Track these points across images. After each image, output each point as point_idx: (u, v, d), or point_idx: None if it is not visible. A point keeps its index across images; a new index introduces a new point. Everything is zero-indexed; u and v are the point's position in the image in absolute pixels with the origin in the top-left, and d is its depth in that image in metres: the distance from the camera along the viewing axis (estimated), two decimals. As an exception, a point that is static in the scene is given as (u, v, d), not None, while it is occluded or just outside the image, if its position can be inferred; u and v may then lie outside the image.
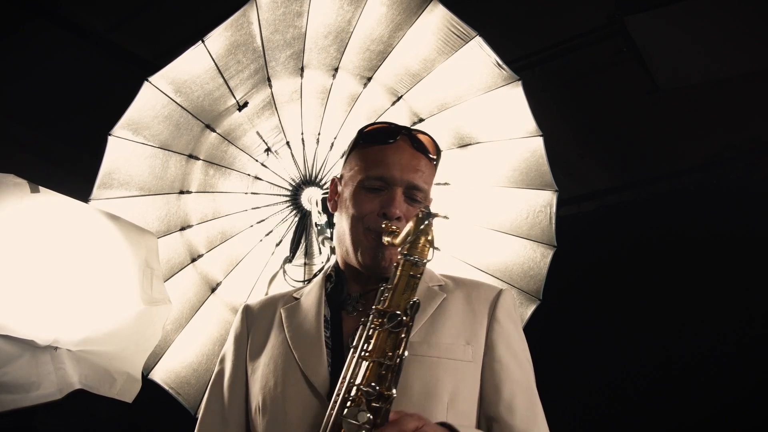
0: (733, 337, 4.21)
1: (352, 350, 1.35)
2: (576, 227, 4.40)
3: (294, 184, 2.78)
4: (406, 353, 1.31)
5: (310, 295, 1.65)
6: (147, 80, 2.32)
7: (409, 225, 1.41)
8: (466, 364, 1.48)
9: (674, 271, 4.50)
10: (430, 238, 1.40)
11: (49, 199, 1.95)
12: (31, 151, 4.16)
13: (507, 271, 2.69)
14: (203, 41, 2.29)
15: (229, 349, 1.67)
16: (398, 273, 1.38)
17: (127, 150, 2.41)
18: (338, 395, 1.30)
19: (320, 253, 2.69)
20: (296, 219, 2.81)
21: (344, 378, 1.32)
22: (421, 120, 2.70)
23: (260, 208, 2.77)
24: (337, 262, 1.70)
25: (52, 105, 4.01)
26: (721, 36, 3.43)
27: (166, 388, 2.48)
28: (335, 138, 2.77)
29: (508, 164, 2.68)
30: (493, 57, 2.53)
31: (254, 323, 1.66)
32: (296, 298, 1.68)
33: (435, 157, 1.65)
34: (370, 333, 1.34)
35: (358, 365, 1.31)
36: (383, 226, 1.51)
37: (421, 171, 1.59)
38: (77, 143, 4.00)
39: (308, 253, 2.82)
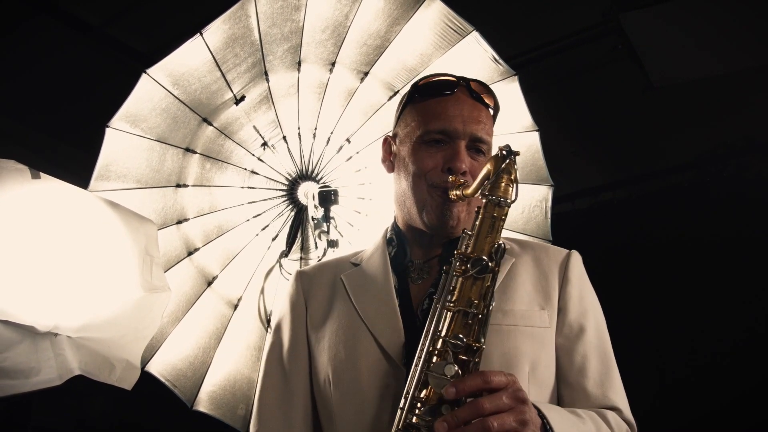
0: (728, 334, 4.24)
1: (435, 301, 1.28)
2: (570, 224, 4.41)
3: (290, 178, 2.78)
4: (494, 302, 1.24)
5: (373, 261, 1.57)
6: (145, 72, 2.31)
7: (486, 168, 1.33)
8: (543, 330, 1.43)
9: (667, 268, 4.53)
10: (513, 177, 1.30)
11: (50, 185, 1.95)
12: (26, 145, 4.15)
13: (502, 265, 2.70)
14: (201, 34, 2.29)
15: (285, 318, 1.59)
16: (480, 215, 1.30)
17: (125, 142, 2.40)
18: (422, 349, 1.24)
19: (316, 247, 2.70)
20: (292, 213, 2.82)
21: (428, 330, 1.25)
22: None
23: (256, 203, 2.77)
24: (396, 225, 1.61)
25: (47, 98, 4.00)
26: (715, 33, 3.45)
27: (163, 380, 2.48)
28: (332, 133, 2.78)
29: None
30: (489, 52, 2.54)
31: (311, 290, 1.59)
32: (355, 264, 1.61)
33: (494, 107, 1.58)
34: (453, 281, 1.27)
35: (442, 316, 1.24)
36: (449, 180, 1.43)
37: (482, 122, 1.51)
38: (73, 137, 4.00)
39: (304, 248, 2.83)
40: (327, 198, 2.61)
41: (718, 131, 4.45)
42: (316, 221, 2.62)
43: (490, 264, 1.25)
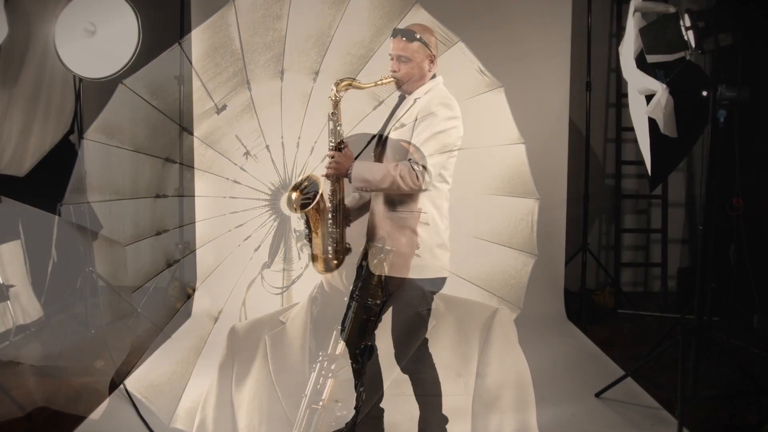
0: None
1: (303, 398, 1.32)
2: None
3: (273, 188, 2.74)
4: (360, 402, 1.27)
5: (296, 321, 1.60)
6: (122, 83, 2.27)
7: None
8: (457, 398, 1.44)
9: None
10: (383, 279, 1.37)
11: (14, 208, 1.90)
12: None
13: (488, 279, 2.66)
14: (179, 44, 2.25)
15: (214, 377, 1.66)
16: (352, 318, 1.33)
17: (101, 153, 2.36)
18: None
19: (299, 258, 2.65)
20: (275, 224, 2.77)
21: (296, 427, 1.30)
22: (402, 126, 2.66)
23: (238, 213, 2.73)
24: (322, 283, 1.61)
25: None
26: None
27: (140, 397, 2.43)
28: (315, 142, 2.73)
29: (490, 171, 2.65)
30: (475, 63, 2.51)
31: (240, 350, 1.63)
32: (282, 323, 1.63)
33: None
34: (321, 380, 1.33)
35: (310, 414, 1.29)
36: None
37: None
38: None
39: (287, 259, 2.78)
40: (309, 210, 2.56)
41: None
42: (298, 233, 2.58)
43: (354, 366, 1.30)
